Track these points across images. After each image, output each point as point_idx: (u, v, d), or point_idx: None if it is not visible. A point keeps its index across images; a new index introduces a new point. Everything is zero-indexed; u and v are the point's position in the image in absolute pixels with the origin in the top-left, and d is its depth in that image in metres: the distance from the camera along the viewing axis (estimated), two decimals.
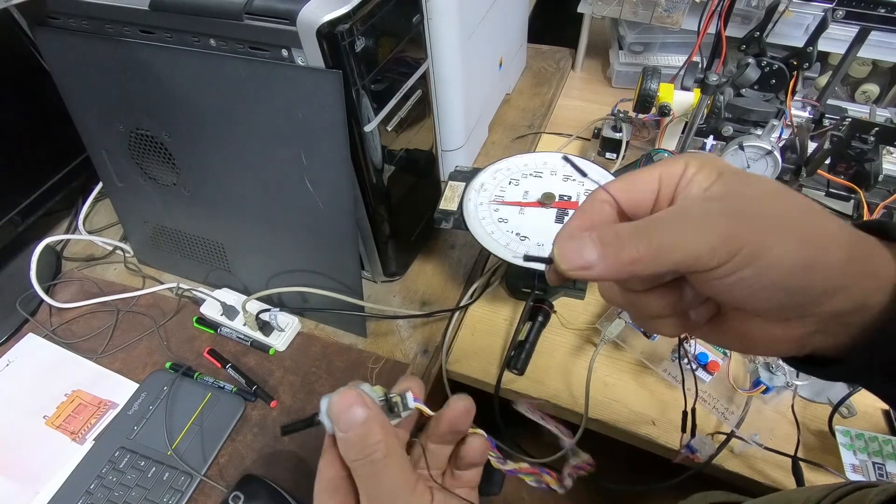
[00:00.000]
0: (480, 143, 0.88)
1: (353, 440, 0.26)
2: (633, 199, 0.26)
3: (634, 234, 0.22)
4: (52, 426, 0.61)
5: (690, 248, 0.21)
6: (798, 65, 0.67)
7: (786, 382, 0.55)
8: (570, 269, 0.23)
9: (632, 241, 0.22)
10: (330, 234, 0.58)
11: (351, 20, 0.44)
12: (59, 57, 0.60)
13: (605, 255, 0.22)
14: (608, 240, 0.22)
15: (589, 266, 0.22)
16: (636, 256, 0.22)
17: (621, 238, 0.22)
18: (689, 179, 0.24)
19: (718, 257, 0.21)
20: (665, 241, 0.22)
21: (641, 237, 0.22)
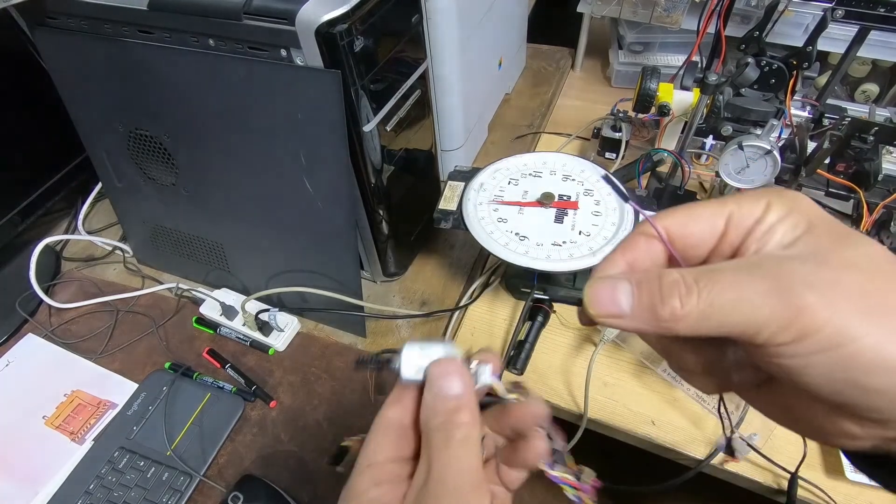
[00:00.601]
0: (480, 143, 0.88)
1: (440, 409, 0.24)
2: (689, 239, 0.22)
3: (682, 284, 0.19)
4: (51, 426, 0.61)
5: (753, 316, 0.17)
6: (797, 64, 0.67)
7: None
8: (597, 315, 0.20)
9: (677, 292, 0.18)
10: (329, 233, 0.58)
11: (350, 20, 0.44)
12: (59, 57, 0.59)
13: (641, 305, 0.19)
14: (648, 287, 0.19)
15: (620, 315, 0.20)
16: (679, 313, 0.18)
17: (665, 287, 0.19)
18: (768, 227, 0.20)
19: (787, 334, 0.17)
20: (721, 301, 0.18)
21: (691, 290, 0.18)
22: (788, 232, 0.20)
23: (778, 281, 0.18)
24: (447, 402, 0.24)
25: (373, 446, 0.25)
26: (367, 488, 0.24)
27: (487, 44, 0.79)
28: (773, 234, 0.20)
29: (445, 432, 0.23)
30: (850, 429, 0.19)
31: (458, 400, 0.24)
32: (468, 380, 0.25)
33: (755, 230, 0.20)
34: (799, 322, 0.17)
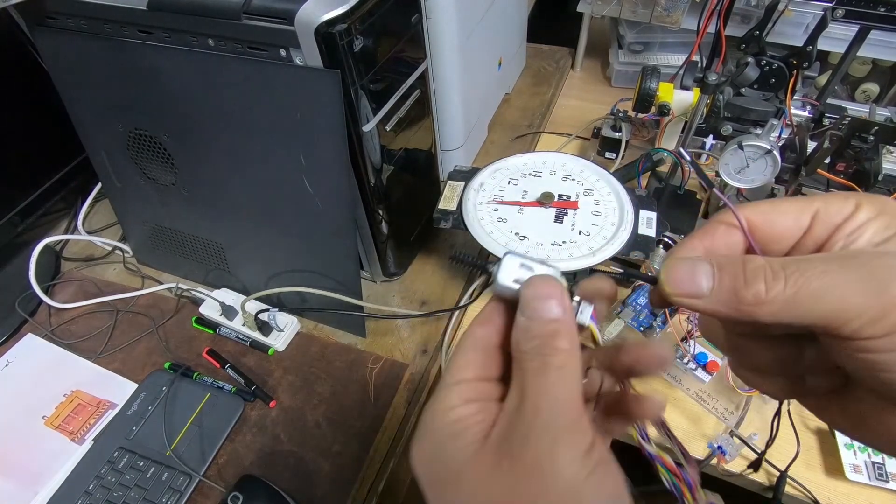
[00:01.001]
0: (479, 143, 0.88)
1: (536, 332, 0.21)
2: (772, 231, 0.21)
3: (769, 269, 0.18)
4: (51, 426, 0.61)
5: (843, 306, 0.17)
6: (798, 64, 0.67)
7: None
8: (674, 294, 0.19)
9: (762, 276, 0.18)
10: (329, 233, 0.58)
11: (349, 20, 0.44)
12: (58, 57, 0.59)
13: (722, 287, 0.19)
14: (732, 269, 0.19)
15: (698, 294, 0.19)
16: (763, 297, 0.18)
17: (749, 271, 0.18)
18: (857, 224, 0.19)
19: (879, 327, 0.17)
20: (810, 288, 0.17)
21: (778, 276, 0.18)
22: (880, 231, 0.19)
23: (872, 272, 0.17)
24: (544, 325, 0.21)
25: (461, 363, 0.23)
26: (457, 404, 0.22)
27: (487, 44, 0.79)
28: (863, 233, 0.19)
29: (542, 357, 0.21)
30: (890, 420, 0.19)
31: (557, 324, 0.21)
32: (568, 304, 0.22)
33: (844, 227, 0.20)
34: (893, 315, 0.17)
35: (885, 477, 0.51)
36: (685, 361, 0.58)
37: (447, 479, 0.21)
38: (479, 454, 0.20)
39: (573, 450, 0.19)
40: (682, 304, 0.20)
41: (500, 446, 0.20)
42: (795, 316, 0.18)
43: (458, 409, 0.22)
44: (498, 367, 0.23)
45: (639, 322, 0.62)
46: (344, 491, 0.54)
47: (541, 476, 0.19)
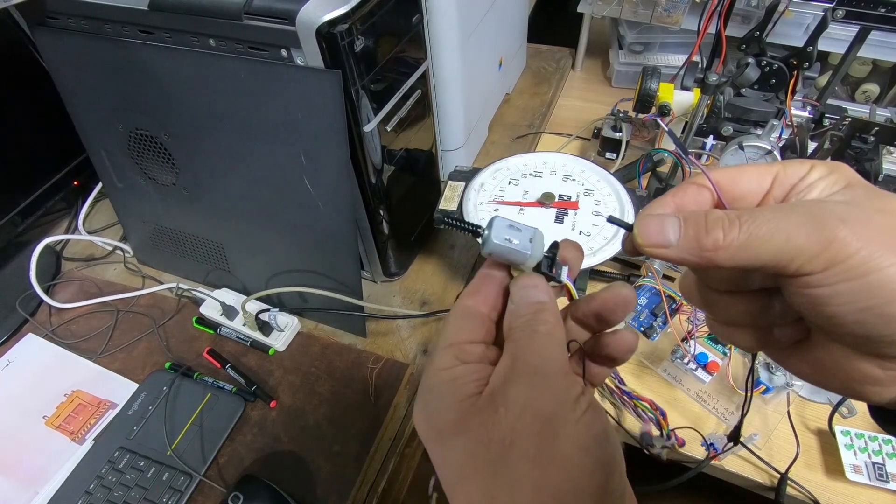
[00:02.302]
0: (480, 143, 0.88)
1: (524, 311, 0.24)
2: (737, 191, 0.23)
3: (726, 219, 0.20)
4: (51, 426, 0.61)
5: (787, 245, 0.19)
6: (798, 64, 0.67)
7: (785, 383, 0.55)
8: (645, 245, 0.22)
9: (720, 225, 0.20)
10: (329, 233, 0.58)
11: (350, 20, 0.44)
12: (59, 57, 0.59)
13: (686, 236, 0.21)
14: (695, 221, 0.21)
15: (666, 244, 0.21)
16: (721, 243, 0.20)
17: (710, 221, 0.21)
18: (809, 183, 0.22)
19: (818, 262, 0.19)
20: (760, 232, 0.19)
21: (733, 224, 0.20)
22: (828, 188, 0.21)
23: (812, 216, 0.19)
24: (531, 306, 0.24)
25: (452, 329, 0.25)
26: (452, 364, 0.24)
27: (487, 44, 0.79)
28: (813, 189, 0.22)
29: (529, 328, 0.23)
30: (873, 372, 0.21)
31: (541, 304, 0.24)
32: (550, 291, 0.25)
33: (798, 186, 0.22)
34: (830, 251, 0.18)
35: (886, 477, 0.51)
36: (685, 361, 0.58)
37: (447, 432, 0.22)
38: (476, 405, 0.22)
39: (564, 393, 0.21)
40: (653, 255, 0.22)
41: (495, 397, 0.22)
42: (749, 257, 0.20)
43: (453, 369, 0.24)
44: (488, 334, 0.25)
45: (639, 322, 0.62)
46: (344, 491, 0.54)
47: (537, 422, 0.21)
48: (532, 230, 0.25)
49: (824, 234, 0.19)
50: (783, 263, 0.19)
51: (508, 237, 0.24)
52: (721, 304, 0.25)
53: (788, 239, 0.19)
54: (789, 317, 0.24)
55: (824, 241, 0.19)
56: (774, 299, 0.24)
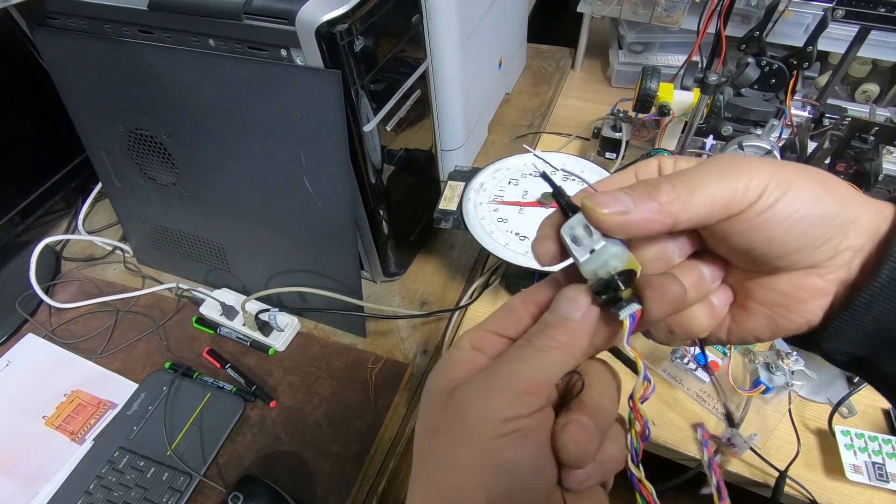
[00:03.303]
0: (480, 143, 0.88)
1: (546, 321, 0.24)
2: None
3: (666, 179, 0.22)
4: (51, 426, 0.61)
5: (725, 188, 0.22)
6: (798, 64, 0.67)
7: (785, 382, 0.55)
8: (607, 214, 0.22)
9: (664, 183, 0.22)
10: (329, 233, 0.58)
11: (350, 20, 0.44)
12: (59, 57, 0.59)
13: (640, 198, 0.22)
14: (643, 186, 0.23)
15: (627, 210, 0.22)
16: (672, 195, 0.22)
17: (652, 184, 0.22)
18: None
19: (751, 192, 0.22)
20: (700, 179, 0.22)
21: (674, 179, 0.22)
22: None
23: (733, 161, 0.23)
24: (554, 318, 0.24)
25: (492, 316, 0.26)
26: (464, 346, 0.25)
27: (487, 44, 0.79)
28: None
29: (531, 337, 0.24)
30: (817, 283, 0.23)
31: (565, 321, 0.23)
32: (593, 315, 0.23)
33: None
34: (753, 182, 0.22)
35: (886, 477, 0.51)
36: (685, 361, 0.58)
37: (424, 401, 0.24)
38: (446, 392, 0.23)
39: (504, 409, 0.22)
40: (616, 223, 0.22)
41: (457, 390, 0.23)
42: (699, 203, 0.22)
43: (461, 351, 0.25)
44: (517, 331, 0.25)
45: None
46: (344, 491, 0.54)
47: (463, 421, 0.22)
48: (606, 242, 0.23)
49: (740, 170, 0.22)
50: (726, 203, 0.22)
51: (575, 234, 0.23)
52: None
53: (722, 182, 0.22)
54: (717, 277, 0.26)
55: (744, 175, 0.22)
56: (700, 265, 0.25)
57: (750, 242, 0.23)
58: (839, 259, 0.23)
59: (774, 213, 0.22)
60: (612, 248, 0.22)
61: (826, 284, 0.24)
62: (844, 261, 0.23)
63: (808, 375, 0.55)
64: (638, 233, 0.22)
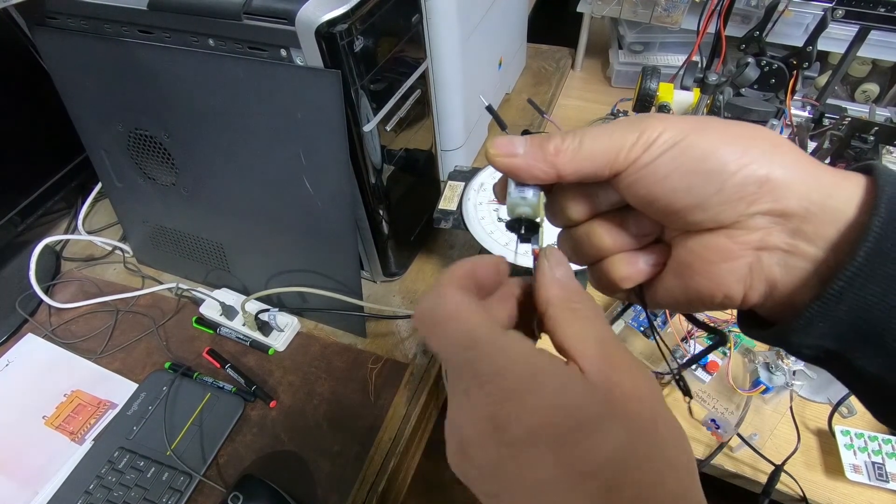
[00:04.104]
0: (480, 143, 0.88)
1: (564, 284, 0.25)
2: None
3: (560, 135, 0.24)
4: (51, 426, 0.61)
5: (611, 141, 0.23)
6: (798, 64, 0.67)
7: (785, 382, 0.55)
8: (496, 154, 0.24)
9: (559, 137, 0.24)
10: (329, 233, 0.58)
11: (349, 20, 0.44)
12: (58, 57, 0.59)
13: (531, 146, 0.24)
14: (539, 138, 0.24)
15: (515, 153, 0.24)
16: (560, 147, 0.23)
17: (549, 137, 0.24)
18: None
19: (637, 147, 0.22)
20: (588, 137, 0.23)
21: (567, 136, 0.23)
22: None
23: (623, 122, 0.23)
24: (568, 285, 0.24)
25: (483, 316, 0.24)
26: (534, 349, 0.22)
27: (487, 44, 0.79)
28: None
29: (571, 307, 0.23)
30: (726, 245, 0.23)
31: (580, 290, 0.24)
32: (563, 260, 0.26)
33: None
34: (643, 136, 0.22)
35: (885, 477, 0.51)
36: (685, 361, 0.58)
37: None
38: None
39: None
40: (504, 164, 0.24)
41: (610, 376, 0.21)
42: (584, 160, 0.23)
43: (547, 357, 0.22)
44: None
45: (639, 322, 0.62)
46: (344, 491, 0.54)
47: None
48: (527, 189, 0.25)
49: (636, 126, 0.22)
50: (612, 157, 0.23)
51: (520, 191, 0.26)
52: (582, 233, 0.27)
53: (611, 137, 0.23)
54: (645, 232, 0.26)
55: (637, 130, 0.22)
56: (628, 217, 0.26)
57: (636, 198, 0.23)
58: (750, 222, 0.22)
59: (655, 169, 0.22)
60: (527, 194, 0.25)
61: (735, 247, 0.22)
62: (758, 225, 0.22)
63: (808, 375, 0.55)
64: (524, 177, 0.24)
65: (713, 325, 0.27)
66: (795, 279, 0.22)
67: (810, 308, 0.21)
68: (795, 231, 0.21)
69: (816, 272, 0.21)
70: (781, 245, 0.22)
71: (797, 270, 0.22)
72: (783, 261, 0.22)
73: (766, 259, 0.22)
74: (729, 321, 0.61)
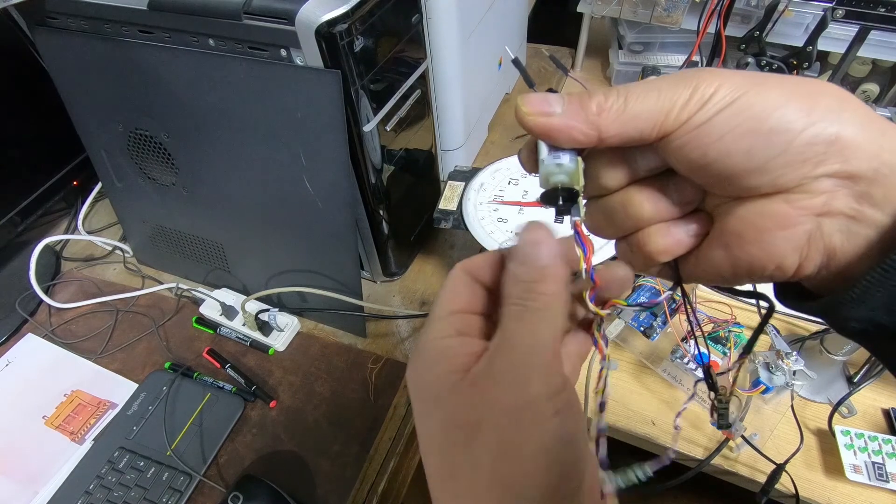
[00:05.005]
0: (480, 143, 0.88)
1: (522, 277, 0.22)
2: None
3: (604, 91, 0.21)
4: (51, 426, 0.61)
5: (660, 99, 0.20)
6: (798, 64, 0.67)
7: (785, 382, 0.55)
8: (528, 112, 0.22)
9: (601, 94, 0.21)
10: (329, 233, 0.58)
11: (349, 20, 0.44)
12: (59, 57, 0.59)
13: (571, 104, 0.21)
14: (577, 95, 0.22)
15: (552, 113, 0.21)
16: (604, 106, 0.21)
17: (591, 92, 0.21)
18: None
19: (691, 105, 0.20)
20: (634, 94, 0.21)
21: (610, 93, 0.21)
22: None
23: (674, 77, 0.21)
24: (531, 271, 0.22)
25: (450, 295, 0.25)
26: (449, 334, 0.23)
27: (487, 44, 0.79)
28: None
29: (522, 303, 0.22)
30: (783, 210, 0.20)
31: (543, 270, 0.22)
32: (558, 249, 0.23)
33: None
34: (696, 93, 0.20)
35: (885, 477, 0.51)
36: (685, 361, 0.58)
37: (430, 400, 0.22)
38: (461, 383, 0.22)
39: (541, 388, 0.20)
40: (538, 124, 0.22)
41: (479, 379, 0.21)
42: (629, 120, 0.21)
43: (448, 340, 0.23)
44: (483, 304, 0.25)
45: (639, 322, 0.62)
46: (344, 491, 0.54)
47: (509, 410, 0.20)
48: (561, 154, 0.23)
49: (689, 83, 0.20)
50: (661, 118, 0.20)
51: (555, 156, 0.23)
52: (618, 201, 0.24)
53: (660, 94, 0.20)
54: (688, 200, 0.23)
55: (691, 86, 0.20)
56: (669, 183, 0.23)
57: (685, 162, 0.21)
58: (814, 186, 0.20)
59: (710, 129, 0.20)
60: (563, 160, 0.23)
61: (795, 212, 0.20)
62: (823, 188, 0.20)
63: (808, 375, 0.55)
64: (561, 140, 0.22)
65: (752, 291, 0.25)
66: (857, 248, 0.20)
67: (870, 276, 0.19)
68: (862, 195, 0.19)
69: (880, 240, 0.20)
70: (846, 210, 0.20)
71: (859, 238, 0.20)
72: (846, 227, 0.20)
73: (827, 226, 0.20)
74: (729, 321, 0.61)
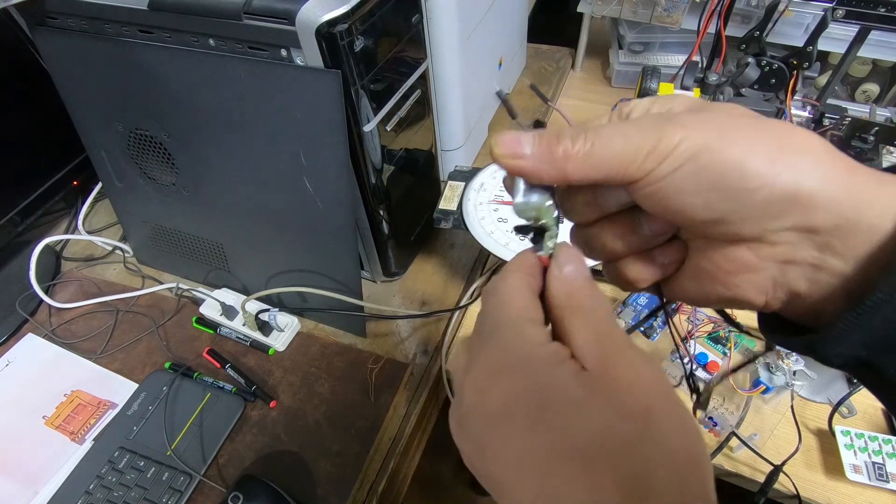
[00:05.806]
0: (480, 143, 0.88)
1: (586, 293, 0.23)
2: None
3: (572, 131, 0.22)
4: (51, 426, 0.61)
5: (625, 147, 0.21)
6: (798, 64, 0.67)
7: (786, 382, 0.55)
8: (502, 154, 0.22)
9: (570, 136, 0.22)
10: (329, 233, 0.58)
11: (350, 20, 0.44)
12: (59, 57, 0.60)
13: (540, 147, 0.22)
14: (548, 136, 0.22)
15: (522, 155, 0.22)
16: (570, 152, 0.21)
17: (560, 134, 0.22)
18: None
19: (653, 157, 0.20)
20: (601, 139, 0.21)
21: (579, 135, 0.22)
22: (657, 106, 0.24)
23: (644, 122, 0.21)
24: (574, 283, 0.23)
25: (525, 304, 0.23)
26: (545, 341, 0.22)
27: (487, 44, 0.79)
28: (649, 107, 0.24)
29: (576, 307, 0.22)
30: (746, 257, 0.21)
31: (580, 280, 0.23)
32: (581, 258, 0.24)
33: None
34: (660, 145, 0.20)
35: (886, 477, 0.51)
36: (685, 361, 0.58)
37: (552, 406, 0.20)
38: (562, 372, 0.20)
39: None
40: (510, 165, 0.22)
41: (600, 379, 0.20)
42: (595, 165, 0.21)
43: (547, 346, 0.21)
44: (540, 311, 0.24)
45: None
46: (344, 491, 0.54)
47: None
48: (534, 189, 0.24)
49: (654, 133, 0.20)
50: (624, 166, 0.21)
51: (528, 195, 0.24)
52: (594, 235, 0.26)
53: (626, 142, 0.21)
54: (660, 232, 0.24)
55: (654, 138, 0.20)
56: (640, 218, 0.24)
57: (650, 208, 0.22)
58: (775, 237, 0.20)
59: (670, 182, 0.20)
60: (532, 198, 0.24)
61: (758, 260, 0.21)
62: (784, 239, 0.20)
63: (808, 375, 0.55)
64: (532, 180, 0.23)
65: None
66: (822, 292, 0.21)
67: (845, 318, 0.20)
68: (824, 245, 0.20)
69: (844, 286, 0.21)
70: (808, 259, 0.21)
71: (823, 285, 0.21)
72: (809, 275, 0.21)
73: (791, 272, 0.21)
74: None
